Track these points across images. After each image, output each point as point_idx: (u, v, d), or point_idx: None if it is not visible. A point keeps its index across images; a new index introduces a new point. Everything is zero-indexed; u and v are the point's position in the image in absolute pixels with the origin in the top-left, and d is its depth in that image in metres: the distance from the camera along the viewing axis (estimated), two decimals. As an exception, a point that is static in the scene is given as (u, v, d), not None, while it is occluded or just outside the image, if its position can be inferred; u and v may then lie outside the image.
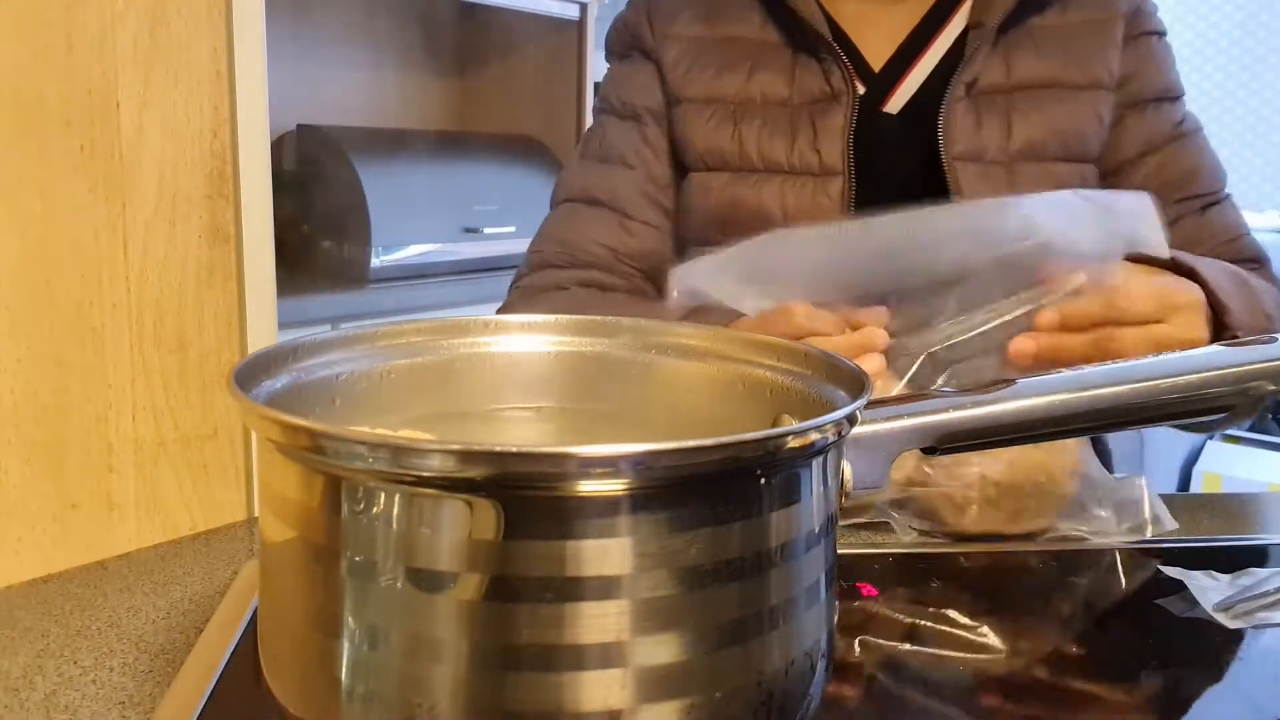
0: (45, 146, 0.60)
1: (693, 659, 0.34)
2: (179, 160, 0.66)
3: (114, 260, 0.63)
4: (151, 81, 0.64)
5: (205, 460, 0.69)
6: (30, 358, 0.60)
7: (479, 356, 0.51)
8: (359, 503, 0.34)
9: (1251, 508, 0.80)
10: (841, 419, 0.37)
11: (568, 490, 0.33)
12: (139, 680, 0.51)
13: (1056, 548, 0.68)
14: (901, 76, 0.93)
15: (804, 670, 0.37)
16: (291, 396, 0.43)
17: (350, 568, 0.34)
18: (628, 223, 0.96)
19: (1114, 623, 0.59)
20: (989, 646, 0.55)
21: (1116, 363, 0.47)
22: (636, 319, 0.52)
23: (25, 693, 0.49)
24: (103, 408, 0.64)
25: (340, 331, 0.47)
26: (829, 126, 0.90)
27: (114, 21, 0.62)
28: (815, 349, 0.46)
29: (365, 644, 0.34)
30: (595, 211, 0.97)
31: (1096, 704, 0.49)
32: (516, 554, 0.33)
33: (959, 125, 0.89)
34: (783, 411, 0.46)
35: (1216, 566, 0.63)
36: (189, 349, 0.68)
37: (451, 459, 0.32)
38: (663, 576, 0.33)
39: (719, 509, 0.34)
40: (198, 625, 0.56)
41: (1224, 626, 0.56)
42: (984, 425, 0.44)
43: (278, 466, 0.37)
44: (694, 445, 0.32)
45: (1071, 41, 0.91)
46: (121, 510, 0.65)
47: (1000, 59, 0.90)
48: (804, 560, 0.37)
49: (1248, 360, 0.47)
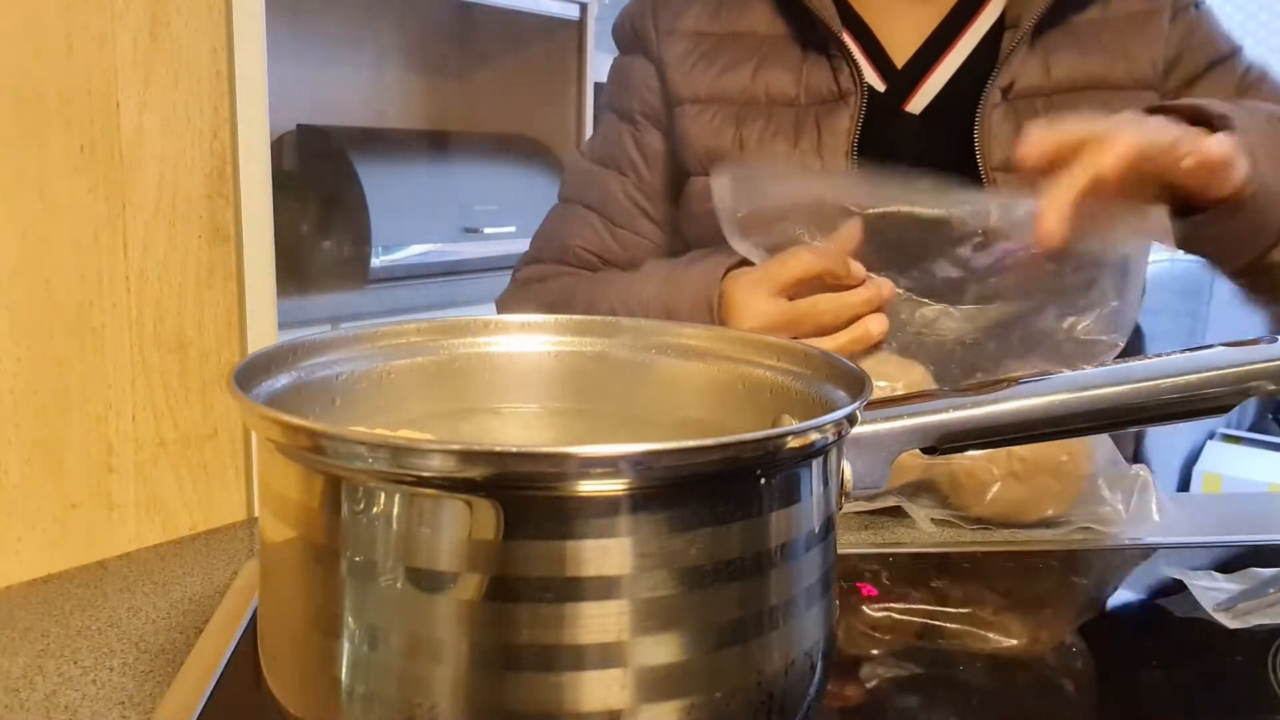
0: (45, 146, 0.60)
1: (693, 659, 0.34)
2: (179, 160, 0.66)
3: (114, 260, 0.63)
4: (151, 81, 0.64)
5: (205, 460, 0.69)
6: (30, 357, 0.60)
7: (479, 356, 0.51)
8: (359, 503, 0.34)
9: (1251, 508, 0.80)
10: (841, 419, 0.37)
11: (568, 490, 0.32)
12: (139, 680, 0.51)
13: (1057, 548, 0.68)
14: (926, 74, 0.88)
15: (804, 670, 0.37)
16: (291, 396, 0.43)
17: (350, 568, 0.34)
18: (615, 230, 0.96)
19: (1114, 623, 0.59)
20: (989, 647, 0.55)
21: (1117, 363, 0.47)
22: (636, 320, 0.52)
23: (25, 693, 0.49)
24: (103, 407, 0.64)
25: (340, 331, 0.47)
26: (834, 129, 0.86)
27: (114, 21, 0.62)
28: (815, 349, 0.46)
29: (365, 644, 0.34)
30: (585, 215, 0.97)
31: (1097, 704, 0.49)
32: (516, 554, 0.33)
33: (997, 133, 0.83)
34: (783, 411, 0.46)
35: (1216, 566, 0.63)
36: (189, 349, 0.68)
37: (451, 459, 0.32)
38: (663, 576, 0.33)
39: (719, 509, 0.34)
40: (198, 625, 0.56)
41: (1224, 626, 0.56)
42: (984, 425, 0.44)
43: (278, 466, 0.37)
44: (694, 445, 0.32)
45: (1116, 37, 0.85)
46: (121, 510, 0.65)
47: (1038, 59, 0.84)
48: (804, 560, 0.37)
49: (1248, 360, 0.47)
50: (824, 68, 0.87)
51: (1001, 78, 0.84)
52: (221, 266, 0.69)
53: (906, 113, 0.87)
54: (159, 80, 0.65)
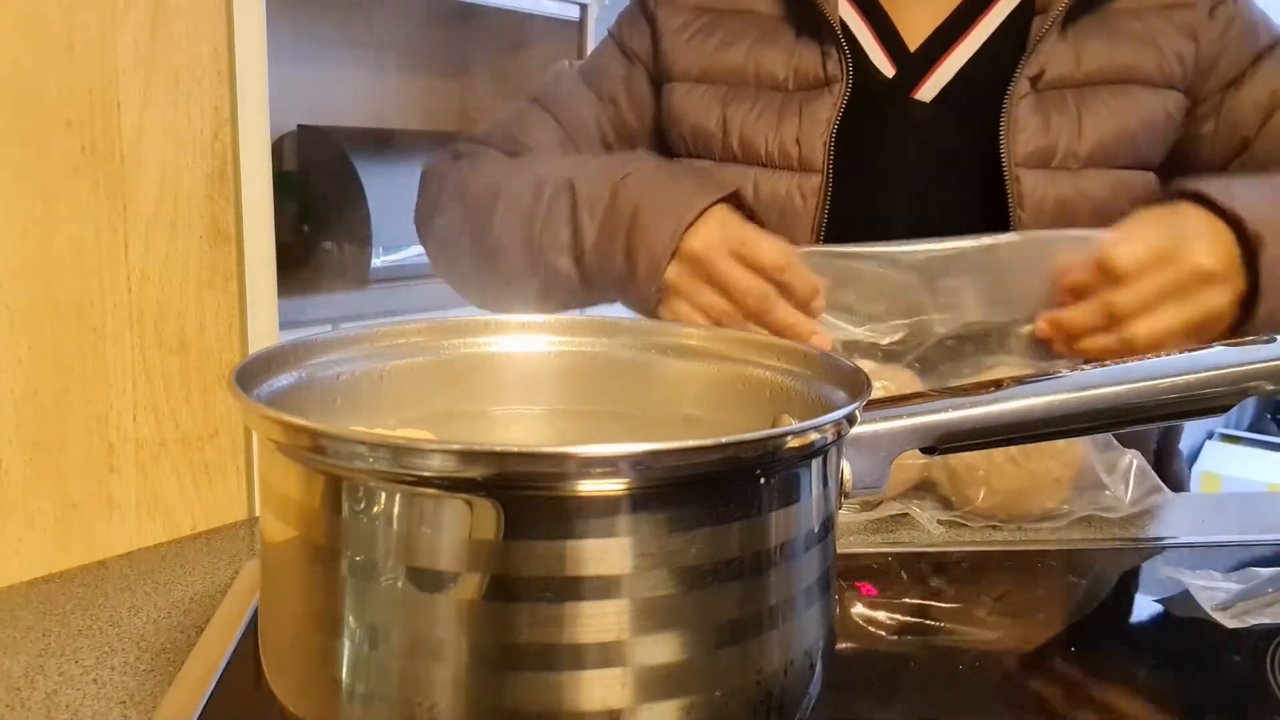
0: (46, 147, 0.60)
1: (692, 659, 0.34)
2: (180, 160, 0.66)
3: (114, 260, 0.63)
4: (152, 81, 0.64)
5: (206, 460, 0.69)
6: (30, 358, 0.60)
7: (479, 356, 0.51)
8: (359, 503, 0.34)
9: (1251, 508, 0.80)
10: (841, 419, 0.37)
11: (568, 490, 0.33)
12: (140, 679, 0.51)
13: (1057, 547, 0.68)
14: (939, 60, 0.83)
15: (803, 670, 0.37)
16: (292, 396, 0.43)
17: (351, 567, 0.34)
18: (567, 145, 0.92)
19: (1114, 623, 0.59)
20: (989, 647, 0.55)
21: (1116, 363, 0.47)
22: (636, 320, 0.52)
23: (26, 692, 0.49)
24: (103, 408, 0.64)
25: (341, 331, 0.47)
26: (815, 117, 0.82)
27: (114, 21, 0.62)
28: (815, 349, 0.46)
29: (365, 643, 0.34)
30: (548, 121, 0.93)
31: (1097, 704, 0.50)
32: (516, 554, 0.33)
33: (1024, 125, 0.79)
34: (783, 411, 0.46)
35: (1216, 566, 0.63)
36: (190, 349, 0.68)
37: (451, 459, 0.32)
38: (663, 576, 0.33)
39: (719, 509, 0.34)
40: (199, 625, 0.56)
41: (1224, 626, 0.56)
42: (984, 425, 0.44)
43: (279, 466, 0.37)
44: (694, 445, 0.32)
45: (1146, 25, 0.82)
46: (122, 510, 0.65)
47: (1069, 48, 0.80)
48: (803, 560, 0.37)
49: (1248, 360, 0.48)
50: (815, 52, 0.84)
51: (1030, 65, 0.80)
52: (222, 267, 0.69)
53: (916, 100, 0.84)
54: (159, 80, 0.65)
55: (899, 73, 0.84)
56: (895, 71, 0.84)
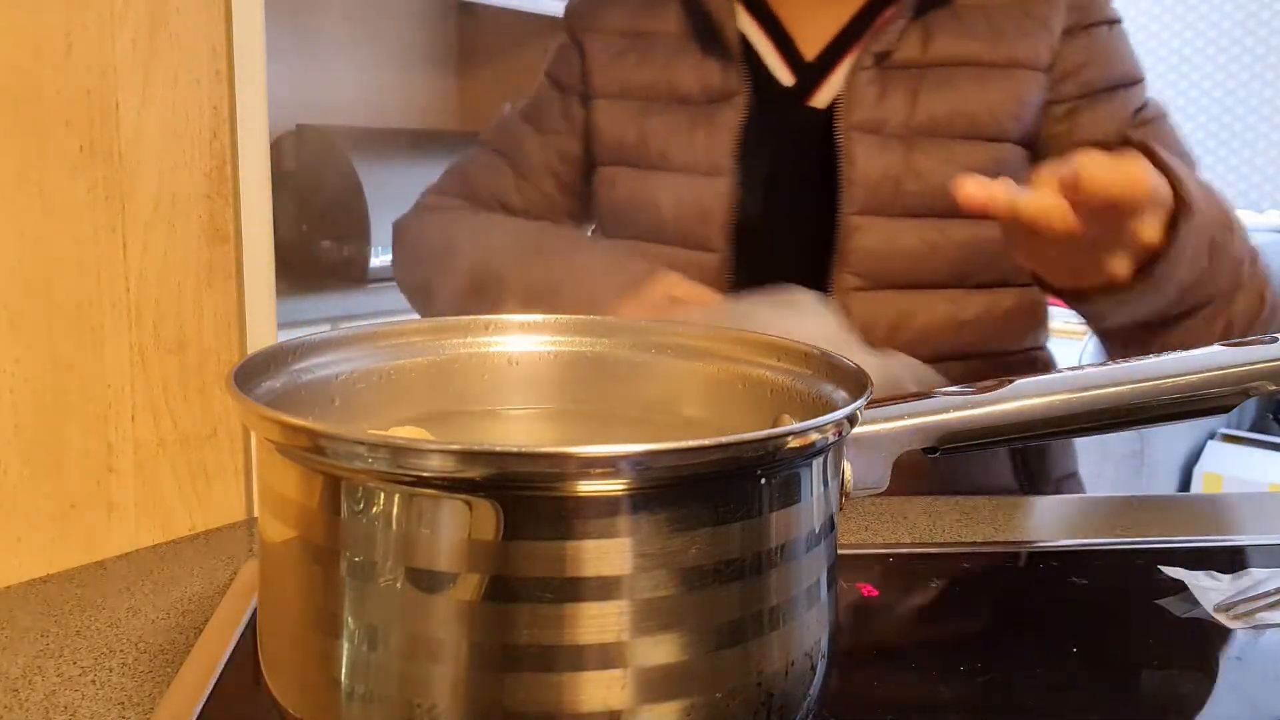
0: (44, 146, 0.60)
1: (692, 659, 0.34)
2: (178, 160, 0.66)
3: (113, 260, 0.63)
4: (151, 81, 0.64)
5: (205, 460, 0.69)
6: (29, 357, 0.60)
7: (479, 356, 0.51)
8: (359, 503, 0.34)
9: (1251, 508, 0.80)
10: (841, 419, 0.37)
11: (568, 490, 0.32)
12: (139, 680, 0.51)
13: (1057, 548, 0.68)
14: (832, 68, 0.88)
15: (804, 671, 0.37)
16: (291, 396, 0.43)
17: (350, 568, 0.34)
18: (520, 182, 1.00)
19: (1114, 623, 0.59)
20: (989, 646, 0.55)
21: (1116, 363, 0.47)
22: (636, 320, 0.52)
23: (25, 692, 0.49)
24: (102, 407, 0.64)
25: (340, 331, 0.47)
26: (721, 127, 0.88)
27: (114, 21, 0.62)
28: (815, 349, 0.46)
29: (365, 644, 0.34)
30: (496, 160, 1.02)
31: (1097, 704, 0.49)
32: (516, 554, 0.33)
33: (860, 95, 0.84)
34: (783, 411, 0.46)
35: (1216, 566, 0.62)
36: (188, 349, 0.68)
37: (451, 459, 0.32)
38: (663, 576, 0.33)
39: (719, 509, 0.34)
40: (197, 625, 0.56)
41: (1224, 626, 0.56)
42: (984, 425, 0.44)
43: (277, 467, 0.37)
44: (694, 445, 0.32)
45: (998, 21, 0.86)
46: (121, 510, 0.65)
47: (918, 35, 0.86)
48: (804, 560, 0.37)
49: (1248, 360, 0.48)
50: (719, 66, 0.89)
51: (877, 44, 0.85)
52: (221, 266, 0.69)
53: (809, 108, 0.88)
54: (159, 80, 0.65)
55: (798, 81, 0.89)
56: (795, 80, 0.90)
